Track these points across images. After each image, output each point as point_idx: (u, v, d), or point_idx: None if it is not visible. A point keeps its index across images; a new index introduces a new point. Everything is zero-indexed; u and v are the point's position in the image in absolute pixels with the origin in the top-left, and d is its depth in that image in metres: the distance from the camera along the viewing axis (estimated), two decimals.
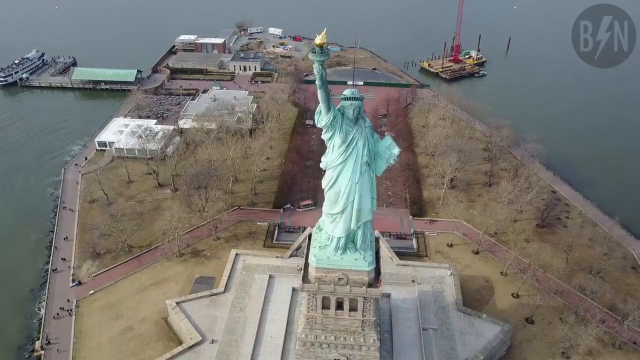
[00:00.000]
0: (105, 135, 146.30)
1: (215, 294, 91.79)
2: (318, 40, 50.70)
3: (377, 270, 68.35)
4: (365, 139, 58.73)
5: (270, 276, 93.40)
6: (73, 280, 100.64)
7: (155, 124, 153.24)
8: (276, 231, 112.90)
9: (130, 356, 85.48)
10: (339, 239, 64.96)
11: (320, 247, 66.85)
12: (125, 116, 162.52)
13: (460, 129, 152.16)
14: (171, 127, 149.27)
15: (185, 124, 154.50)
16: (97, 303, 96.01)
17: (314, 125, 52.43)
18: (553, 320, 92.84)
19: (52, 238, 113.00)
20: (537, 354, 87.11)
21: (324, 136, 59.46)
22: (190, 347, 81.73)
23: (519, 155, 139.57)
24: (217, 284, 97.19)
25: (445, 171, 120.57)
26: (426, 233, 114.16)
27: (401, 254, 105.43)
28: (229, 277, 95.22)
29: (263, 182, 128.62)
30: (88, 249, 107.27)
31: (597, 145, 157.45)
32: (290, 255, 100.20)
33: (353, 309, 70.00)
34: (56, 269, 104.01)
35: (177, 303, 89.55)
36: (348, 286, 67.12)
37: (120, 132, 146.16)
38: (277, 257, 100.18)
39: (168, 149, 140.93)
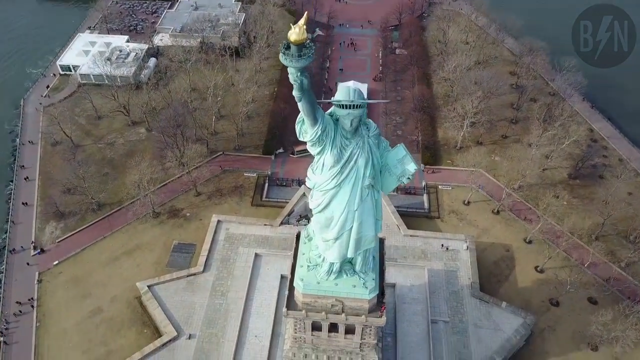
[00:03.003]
0: (69, 57, 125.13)
1: (194, 274, 79.62)
2: (294, 34, 31.57)
3: (381, 291, 54.53)
4: (368, 154, 41.39)
5: (257, 255, 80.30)
6: (34, 248, 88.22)
7: (127, 41, 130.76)
8: (266, 185, 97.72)
9: (100, 346, 75.63)
10: (332, 263, 50.29)
11: (309, 266, 52.42)
12: (92, 30, 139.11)
13: (485, 46, 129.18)
14: (145, 47, 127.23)
15: (161, 40, 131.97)
16: (62, 277, 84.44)
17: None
18: (581, 302, 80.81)
19: (10, 202, 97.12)
20: (560, 345, 76.32)
21: (311, 150, 41.93)
22: (165, 344, 71.35)
23: (553, 85, 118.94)
24: (198, 253, 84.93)
25: (465, 113, 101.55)
26: (440, 187, 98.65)
27: (409, 215, 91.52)
28: (209, 251, 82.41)
29: (251, 119, 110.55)
30: (51, 209, 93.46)
31: None
32: (281, 223, 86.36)
33: (350, 331, 57.46)
34: (14, 249, 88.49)
35: (148, 287, 77.77)
36: (343, 314, 53.81)
37: (86, 52, 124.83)
38: (265, 225, 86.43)
39: (142, 75, 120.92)
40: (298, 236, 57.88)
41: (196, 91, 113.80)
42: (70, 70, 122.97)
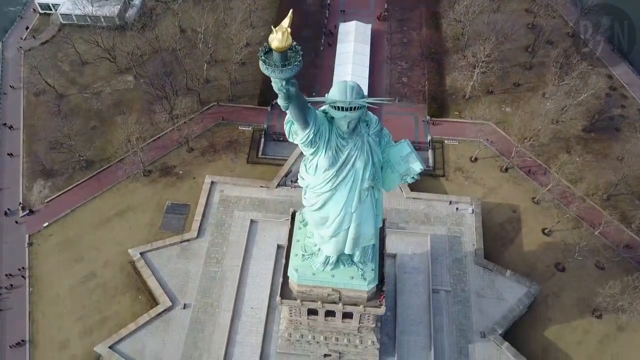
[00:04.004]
0: None
1: (187, 240, 76.76)
2: (276, 41, 25.65)
3: (381, 278, 51.40)
4: (367, 155, 36.27)
5: (252, 221, 76.82)
6: (23, 209, 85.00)
7: None
8: (262, 140, 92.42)
9: (94, 312, 74.34)
10: (328, 256, 46.67)
11: (304, 255, 48.98)
12: None
13: None
14: None
15: None
16: (53, 239, 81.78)
17: None
18: (589, 268, 78.14)
19: None
20: (564, 312, 74.56)
21: (303, 150, 36.70)
22: (159, 315, 69.88)
23: (573, 25, 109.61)
24: (192, 214, 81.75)
25: (477, 61, 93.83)
26: (446, 142, 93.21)
27: None
28: (203, 215, 79.03)
29: (246, 66, 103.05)
30: (37, 167, 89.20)
31: None
32: (278, 185, 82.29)
33: (348, 316, 55.12)
34: (6, 213, 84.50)
35: (141, 254, 75.20)
36: (341, 304, 51.04)
37: None
38: (261, 186, 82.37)
39: (127, 15, 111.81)
40: (293, 216, 54.02)
41: (185, 36, 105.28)
42: (50, 9, 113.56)
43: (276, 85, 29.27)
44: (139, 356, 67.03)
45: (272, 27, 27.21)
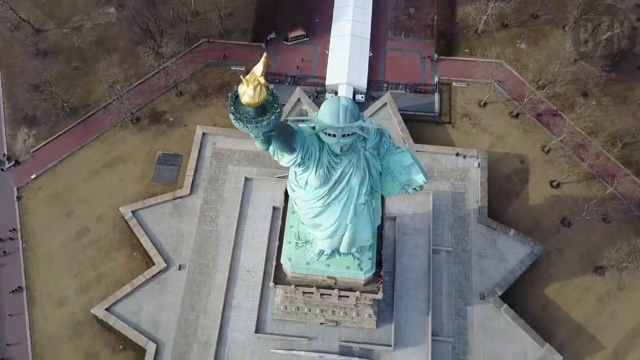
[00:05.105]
0: None
1: (180, 197, 73.90)
2: (247, 96, 20.70)
3: (379, 262, 48.97)
4: (364, 171, 32.06)
5: (247, 179, 73.21)
6: (8, 159, 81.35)
7: None
8: None
9: (90, 269, 73.49)
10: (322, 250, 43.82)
11: (297, 243, 46.20)
12: None
13: None
14: None
15: None
16: (42, 193, 78.97)
17: None
18: (596, 223, 75.34)
19: None
20: (566, 269, 73.29)
21: (292, 167, 32.14)
22: (154, 276, 68.93)
23: None
24: (185, 165, 78.33)
25: None
26: (454, 84, 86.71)
27: (417, 120, 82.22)
28: (196, 170, 75.46)
29: None
30: (19, 114, 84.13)
31: None
32: None
33: (344, 295, 53.43)
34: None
35: (133, 212, 72.72)
36: (336, 290, 49.10)
37: None
38: None
39: None
40: (287, 195, 50.42)
41: None
42: None
43: (251, 134, 24.44)
44: (136, 317, 67.00)
45: (240, 77, 21.84)
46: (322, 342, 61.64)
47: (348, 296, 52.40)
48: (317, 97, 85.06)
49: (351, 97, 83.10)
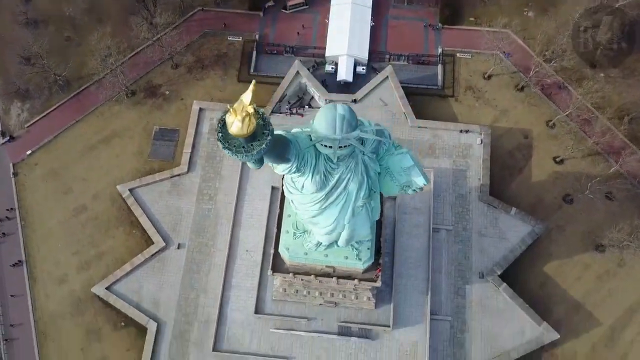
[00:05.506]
0: None
1: (178, 175, 72.97)
2: (235, 127, 19.31)
3: (378, 250, 48.52)
4: (362, 175, 30.95)
5: None
6: (3, 135, 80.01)
7: None
8: (254, 53, 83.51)
9: (89, 247, 73.51)
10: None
11: (295, 233, 45.57)
12: None
13: None
14: None
15: None
16: (38, 169, 78.10)
17: None
18: (599, 200, 74.36)
19: None
20: (567, 246, 72.86)
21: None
22: (153, 255, 68.89)
23: None
24: (182, 141, 77.06)
25: None
26: (458, 55, 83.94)
27: (419, 94, 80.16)
28: (193, 146, 74.22)
29: None
30: (12, 87, 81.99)
31: None
32: (272, 111, 75.97)
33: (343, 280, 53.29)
34: None
35: (130, 190, 71.98)
36: (335, 278, 48.85)
37: None
38: None
39: None
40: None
41: None
42: None
43: (242, 160, 23.07)
44: (137, 296, 67.41)
45: (228, 106, 20.23)
46: (321, 323, 62.14)
47: (347, 282, 52.24)
48: (317, 68, 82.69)
49: (352, 68, 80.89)
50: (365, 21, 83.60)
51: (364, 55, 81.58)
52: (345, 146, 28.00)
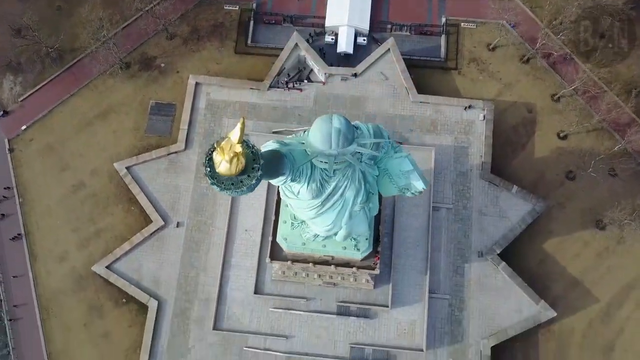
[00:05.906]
0: None
1: (175, 152, 71.99)
2: (223, 168, 18.14)
3: (377, 238, 48.19)
4: (359, 182, 30.12)
5: None
6: None
7: None
8: (252, 23, 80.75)
9: (88, 224, 73.44)
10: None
11: (292, 224, 45.14)
12: None
13: None
14: None
15: None
16: (34, 145, 77.10)
17: None
18: (601, 176, 73.57)
19: None
20: (567, 224, 72.51)
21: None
22: (152, 234, 68.83)
23: None
24: (179, 116, 75.67)
25: None
26: (462, 24, 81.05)
27: (421, 66, 77.99)
28: (190, 123, 72.89)
29: None
30: (2, 60, 79.84)
31: None
32: (270, 86, 74.11)
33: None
34: None
35: (127, 168, 71.18)
36: (333, 266, 48.74)
37: None
38: (251, 88, 74.26)
39: None
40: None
41: None
42: None
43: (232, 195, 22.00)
44: (137, 275, 67.81)
45: (214, 144, 18.97)
46: (320, 303, 62.66)
47: (345, 269, 52.22)
48: (316, 39, 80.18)
49: (352, 39, 78.28)
50: None
51: (365, 25, 78.85)
52: (342, 161, 26.97)
